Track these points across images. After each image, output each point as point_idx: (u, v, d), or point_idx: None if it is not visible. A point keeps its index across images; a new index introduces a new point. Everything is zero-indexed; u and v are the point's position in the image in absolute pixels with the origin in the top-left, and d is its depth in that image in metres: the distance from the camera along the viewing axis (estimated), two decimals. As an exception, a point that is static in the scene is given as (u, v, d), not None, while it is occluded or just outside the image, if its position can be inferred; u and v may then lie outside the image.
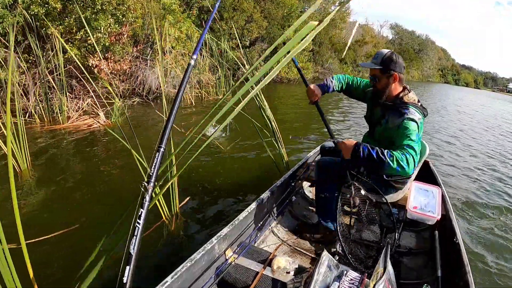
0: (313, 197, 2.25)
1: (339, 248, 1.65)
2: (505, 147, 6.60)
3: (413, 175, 1.83)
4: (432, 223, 1.73)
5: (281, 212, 2.18)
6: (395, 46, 37.58)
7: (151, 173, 0.96)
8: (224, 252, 1.60)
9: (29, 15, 4.44)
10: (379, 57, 1.63)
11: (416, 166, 1.80)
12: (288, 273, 1.51)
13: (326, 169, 1.88)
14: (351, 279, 1.30)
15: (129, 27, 6.16)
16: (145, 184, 0.95)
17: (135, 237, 0.88)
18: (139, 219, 0.90)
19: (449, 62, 66.19)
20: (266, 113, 3.13)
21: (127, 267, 0.84)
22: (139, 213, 0.91)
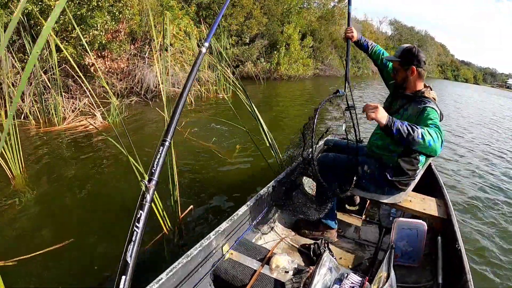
0: (314, 194, 2.22)
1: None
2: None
3: (417, 177, 1.80)
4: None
5: (280, 208, 2.17)
6: (394, 42, 37.36)
7: (153, 169, 0.86)
8: (222, 248, 1.55)
9: (23, 13, 4.31)
10: (399, 50, 1.69)
11: (424, 165, 1.80)
12: (287, 272, 1.47)
13: (328, 166, 1.85)
14: (352, 282, 1.28)
15: (126, 24, 6.03)
16: (146, 182, 0.84)
17: (132, 243, 0.77)
18: (137, 222, 0.80)
19: (449, 58, 66.10)
20: (258, 119, 2.97)
21: (123, 277, 0.73)
22: (138, 216, 0.80)
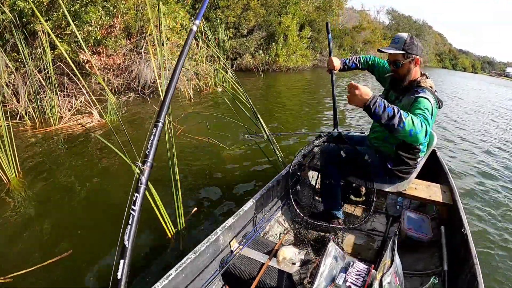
0: (319, 186, 2.23)
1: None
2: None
3: (418, 166, 1.79)
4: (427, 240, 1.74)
5: (286, 201, 2.17)
6: (392, 31, 37.00)
7: (147, 151, 0.85)
8: (229, 243, 1.57)
9: (15, 11, 4.16)
10: (400, 41, 1.57)
11: (425, 154, 1.79)
12: (294, 264, 1.50)
13: (331, 156, 1.85)
14: (357, 270, 1.28)
15: (121, 18, 5.88)
16: (140, 165, 0.83)
17: (129, 226, 0.77)
18: (133, 205, 0.80)
19: (446, 46, 65.73)
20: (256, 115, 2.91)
21: (122, 260, 0.74)
22: (134, 199, 0.80)
